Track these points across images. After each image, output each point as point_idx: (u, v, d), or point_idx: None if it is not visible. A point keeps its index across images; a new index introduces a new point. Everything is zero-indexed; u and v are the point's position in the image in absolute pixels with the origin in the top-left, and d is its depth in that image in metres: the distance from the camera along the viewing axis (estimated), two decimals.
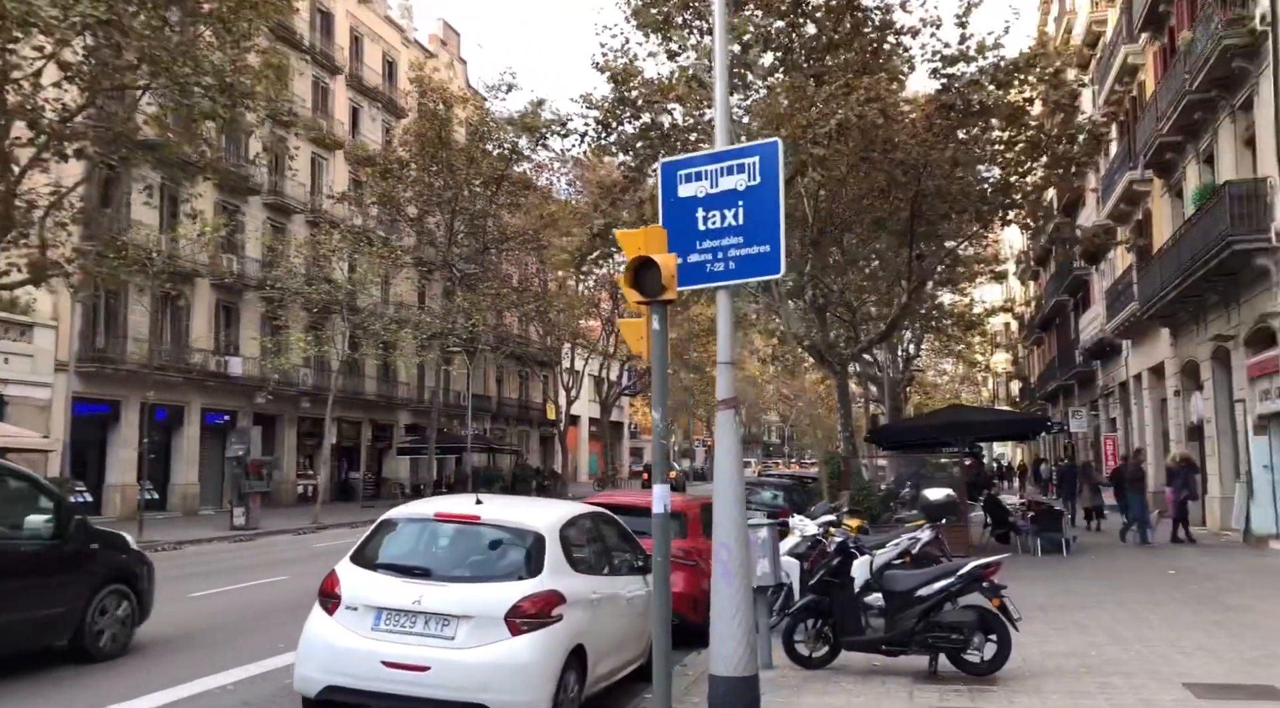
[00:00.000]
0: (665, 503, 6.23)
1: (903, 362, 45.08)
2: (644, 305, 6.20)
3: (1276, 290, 17.45)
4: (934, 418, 21.03)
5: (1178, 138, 22.49)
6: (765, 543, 8.64)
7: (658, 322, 6.11)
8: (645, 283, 6.11)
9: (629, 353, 59.12)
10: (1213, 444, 21.80)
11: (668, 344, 6.15)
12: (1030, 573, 15.39)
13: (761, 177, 6.73)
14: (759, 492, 19.69)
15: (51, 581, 8.55)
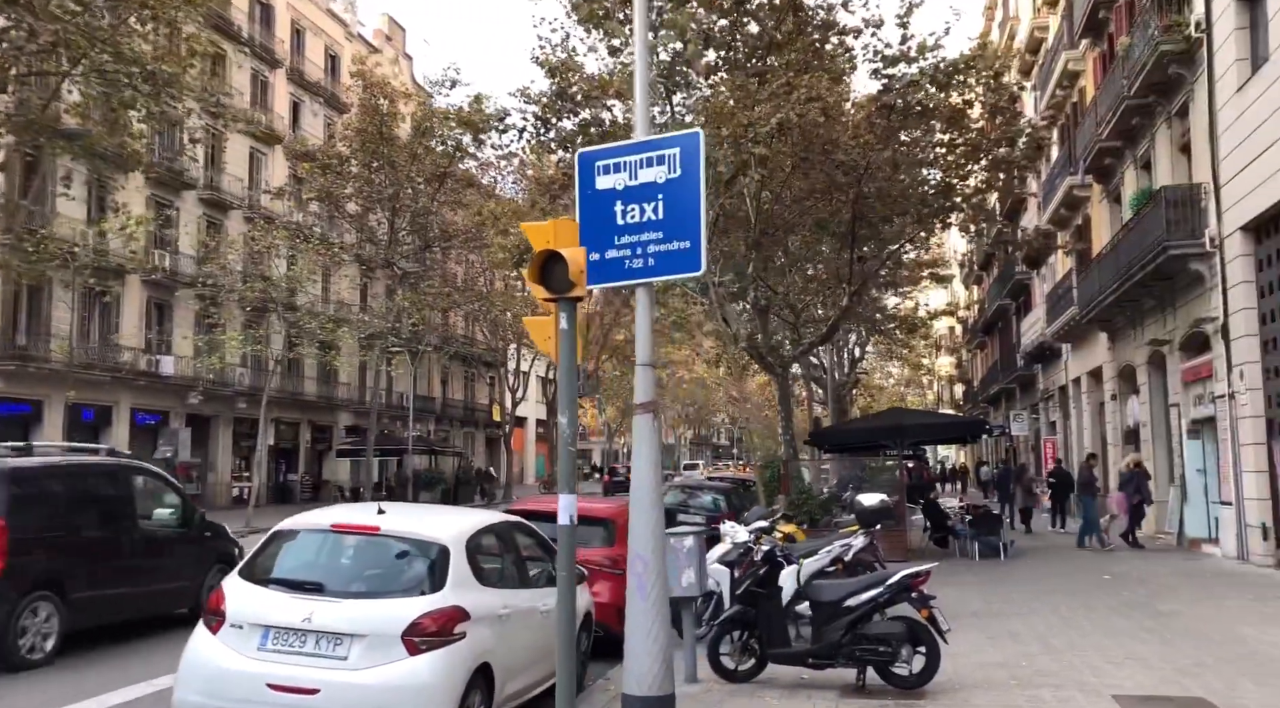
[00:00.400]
0: (571, 514, 5.86)
1: (848, 364, 45.26)
2: (551, 302, 5.84)
3: (1210, 295, 17.57)
4: (875, 420, 20.92)
5: (1116, 143, 22.66)
6: (690, 552, 8.32)
7: (565, 320, 5.75)
8: (552, 278, 5.75)
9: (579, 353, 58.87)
10: (1148, 448, 21.99)
11: (576, 344, 5.79)
12: (968, 578, 15.29)
13: (682, 169, 6.41)
14: (699, 496, 19.40)
15: (181, 560, 11.02)
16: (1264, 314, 15.87)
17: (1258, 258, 16.06)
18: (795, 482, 18.73)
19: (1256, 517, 15.81)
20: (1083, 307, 24.80)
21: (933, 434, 19.98)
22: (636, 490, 6.41)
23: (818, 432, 19.29)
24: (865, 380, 70.99)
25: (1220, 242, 16.86)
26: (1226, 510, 17.11)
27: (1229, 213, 16.51)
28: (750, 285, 20.89)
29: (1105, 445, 26.60)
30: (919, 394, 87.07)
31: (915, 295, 41.45)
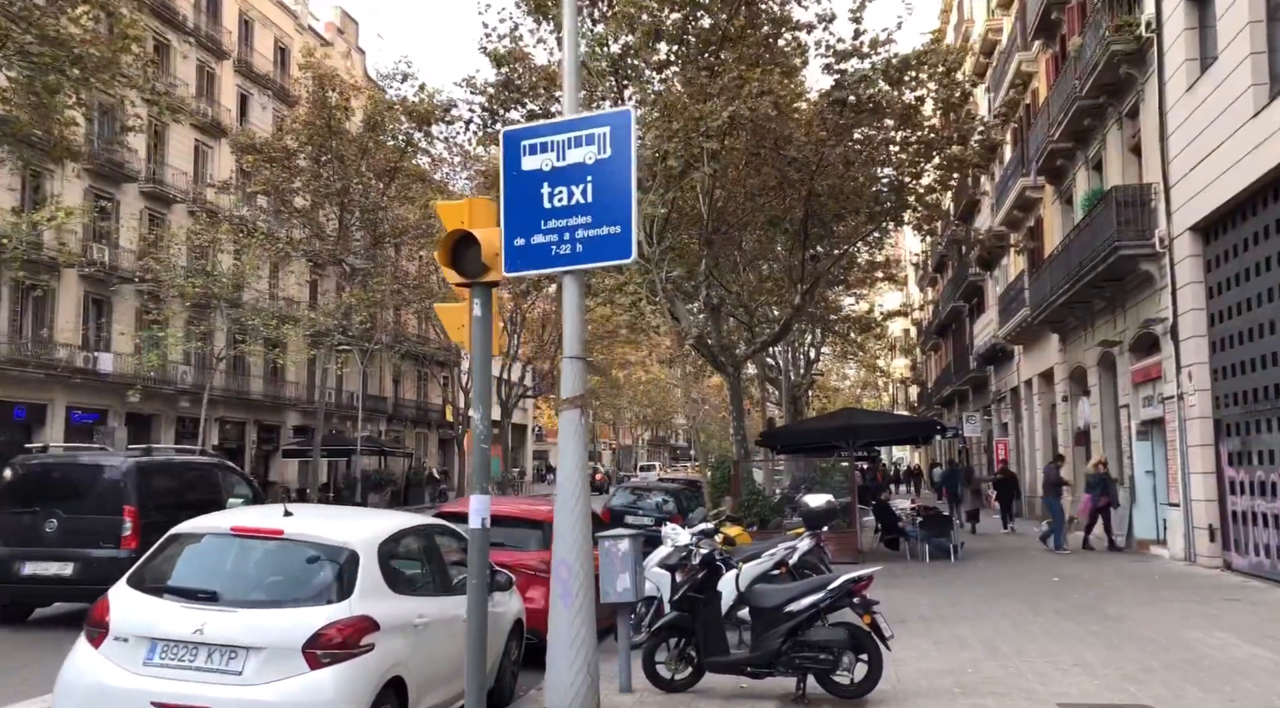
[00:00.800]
0: (484, 517, 5.46)
1: (804, 365, 45.21)
2: (464, 287, 5.42)
3: (1160, 296, 17.55)
4: (827, 421, 20.70)
5: (1068, 145, 22.68)
6: (626, 555, 7.95)
7: (479, 307, 5.35)
8: (464, 261, 5.34)
9: (532, 353, 58.29)
10: (1098, 449, 21.99)
11: (493, 333, 5.39)
12: (919, 581, 15.08)
13: (613, 149, 6.04)
14: (648, 497, 19.08)
15: None
16: (1212, 315, 15.84)
17: (1206, 258, 16.04)
18: (746, 483, 18.45)
19: (1204, 518, 15.78)
20: (1034, 308, 24.83)
21: (885, 435, 19.79)
22: (561, 491, 6.03)
23: (769, 432, 18.99)
24: (821, 382, 71.27)
25: (1170, 242, 16.83)
26: (1174, 512, 17.09)
27: (1178, 213, 16.48)
28: (702, 283, 20.59)
29: (1056, 447, 26.66)
30: (874, 396, 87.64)
31: (870, 297, 41.51)
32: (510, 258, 6.25)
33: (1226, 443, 15.43)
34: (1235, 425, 15.10)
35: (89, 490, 11.15)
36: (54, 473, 11.69)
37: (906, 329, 73.36)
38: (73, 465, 12.01)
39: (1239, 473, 15.02)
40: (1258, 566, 14.37)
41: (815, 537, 10.94)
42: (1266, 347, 13.93)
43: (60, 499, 11.02)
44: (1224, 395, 15.50)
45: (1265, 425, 14.03)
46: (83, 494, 11.12)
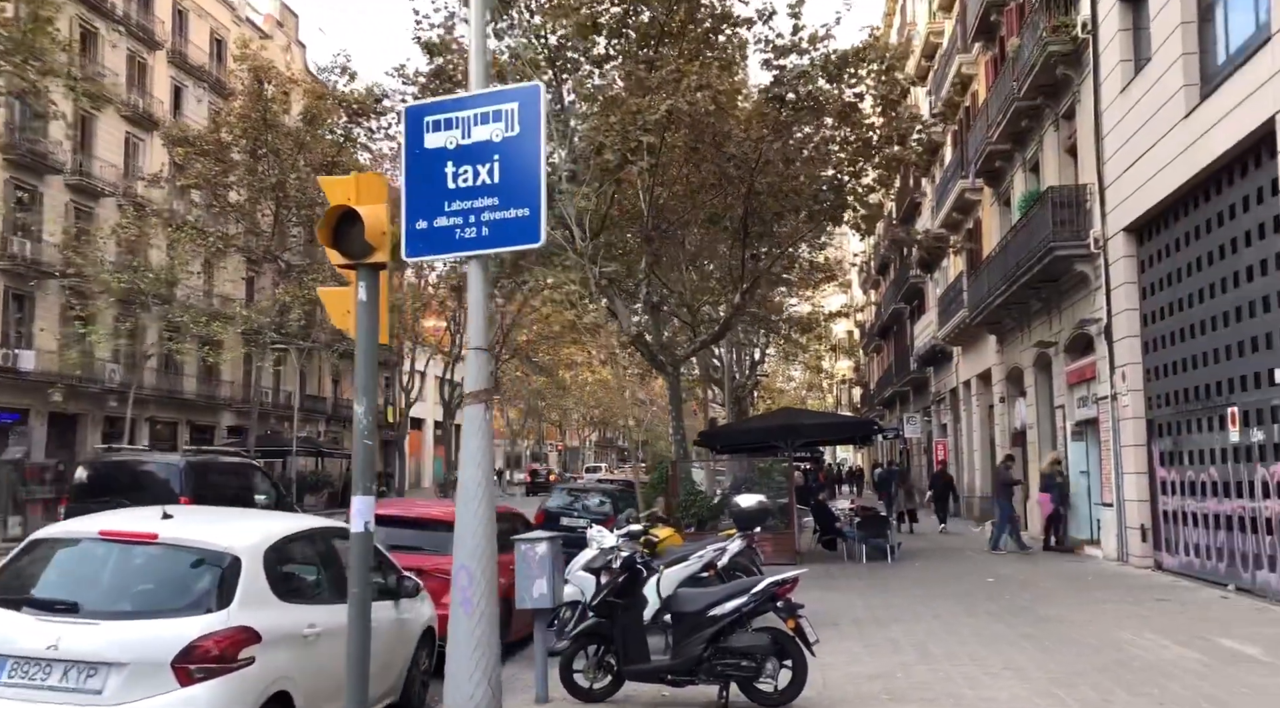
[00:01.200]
0: (367, 520, 5.06)
1: (749, 366, 45.18)
2: (349, 269, 5.02)
3: (1095, 297, 17.62)
4: (767, 420, 20.49)
5: (1006, 146, 22.78)
6: (543, 559, 7.58)
7: (365, 290, 4.95)
8: (347, 240, 4.94)
9: None
10: (1034, 450, 22.11)
11: (380, 319, 5.00)
12: (855, 582, 14.91)
13: (521, 126, 5.68)
14: (585, 498, 18.70)
15: None
16: (1146, 315, 15.91)
17: (1140, 259, 16.10)
18: (684, 484, 18.16)
19: (1136, 519, 15.84)
20: (972, 309, 24.92)
21: (824, 435, 19.60)
22: (463, 492, 5.65)
23: (708, 432, 18.71)
24: (766, 383, 71.44)
25: (1104, 243, 16.90)
26: (1108, 512, 17.15)
27: (1113, 214, 16.54)
28: (643, 281, 20.29)
29: (994, 447, 26.80)
30: (819, 397, 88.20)
31: (814, 298, 41.58)
32: (412, 241, 5.86)
33: (1158, 443, 15.49)
34: (1167, 426, 15.16)
35: (150, 484, 13.13)
36: (121, 470, 13.90)
37: (850, 331, 73.90)
38: (137, 463, 14.08)
39: (1170, 473, 15.08)
40: (1187, 565, 14.43)
41: (747, 538, 10.67)
42: (1197, 347, 13.98)
43: (126, 491, 12.44)
44: (1156, 396, 15.57)
45: (1195, 426, 14.08)
46: (145, 487, 12.92)
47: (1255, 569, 12.38)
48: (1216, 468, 13.40)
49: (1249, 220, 12.37)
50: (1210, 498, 13.62)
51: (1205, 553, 13.82)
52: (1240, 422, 12.67)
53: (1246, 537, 12.59)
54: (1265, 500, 12.07)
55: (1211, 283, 13.44)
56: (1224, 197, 13.05)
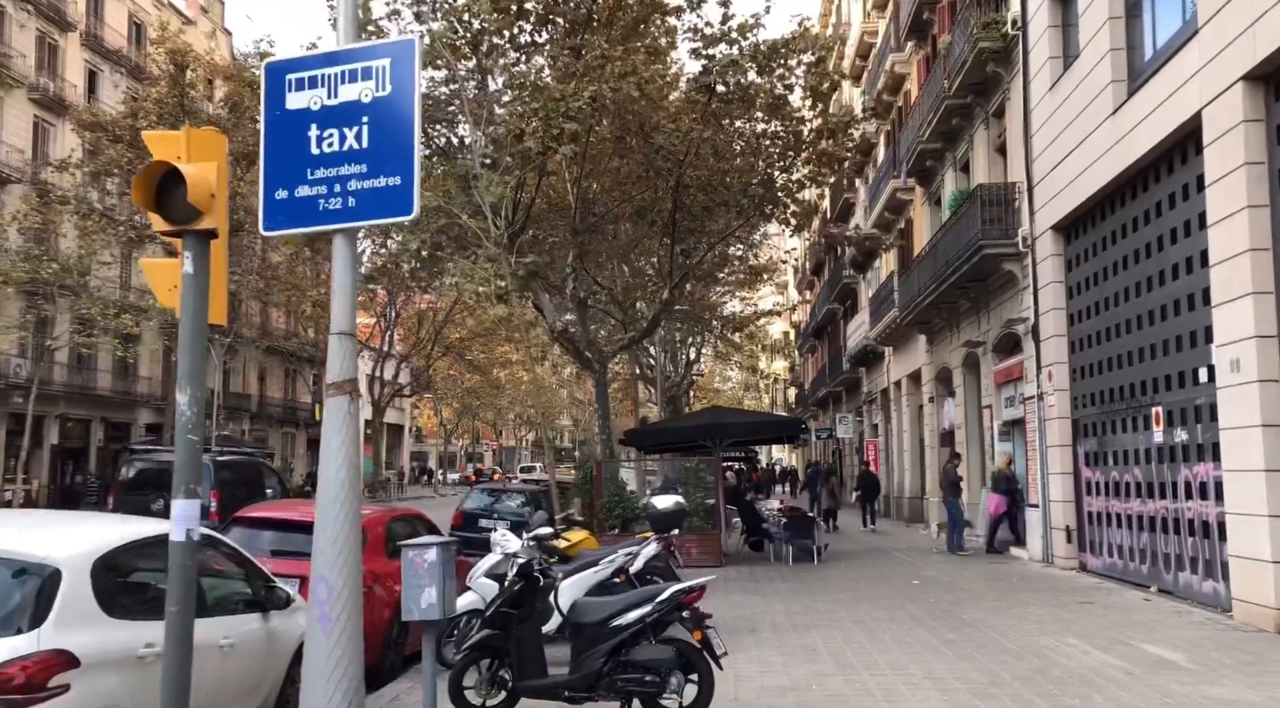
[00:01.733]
0: (190, 527, 4.43)
1: (684, 365, 44.86)
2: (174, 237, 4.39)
3: (1022, 296, 17.51)
4: (693, 419, 20.03)
5: (937, 145, 22.68)
6: (433, 567, 6.99)
7: (191, 262, 4.32)
8: (170, 203, 4.32)
9: (409, 349, 56.40)
10: (963, 450, 22.02)
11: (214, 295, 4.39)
12: (778, 585, 14.52)
13: (394, 85, 5.10)
14: (505, 499, 18.06)
15: None
16: (1072, 315, 15.80)
17: (1067, 258, 15.99)
18: (609, 484, 17.63)
19: (1061, 519, 15.71)
20: (903, 309, 24.82)
21: (752, 434, 19.19)
22: (323, 494, 5.04)
23: (633, 431, 18.17)
24: (703, 383, 71.32)
25: (1032, 241, 16.78)
26: (1034, 513, 17.04)
27: (1041, 212, 16.42)
28: (569, 276, 19.73)
29: (923, 448, 26.77)
30: (755, 398, 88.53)
31: (750, 299, 41.42)
32: (271, 214, 5.24)
33: (1083, 444, 15.38)
34: (1092, 426, 15.05)
35: None
36: (160, 466, 16.04)
37: (786, 332, 74.14)
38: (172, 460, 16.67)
39: (1095, 474, 14.97)
40: (1111, 566, 14.31)
41: (663, 541, 10.16)
42: (1122, 346, 13.86)
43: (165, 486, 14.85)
44: (1082, 396, 15.46)
45: (1120, 426, 13.97)
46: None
47: (1178, 571, 12.26)
48: (1140, 469, 13.28)
49: (1174, 218, 12.24)
50: (1134, 499, 13.50)
51: (1129, 554, 13.70)
52: (1164, 422, 12.54)
53: (1169, 538, 12.46)
54: (1188, 501, 11.94)
55: (1137, 281, 13.32)
56: (1150, 194, 12.92)
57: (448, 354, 56.47)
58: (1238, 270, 10.22)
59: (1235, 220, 10.24)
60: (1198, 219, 11.53)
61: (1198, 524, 11.72)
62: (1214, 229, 10.72)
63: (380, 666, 8.58)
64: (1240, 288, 10.18)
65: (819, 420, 52.59)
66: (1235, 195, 10.23)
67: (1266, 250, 9.99)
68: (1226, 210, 10.40)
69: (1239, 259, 10.19)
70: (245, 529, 9.03)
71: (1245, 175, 10.07)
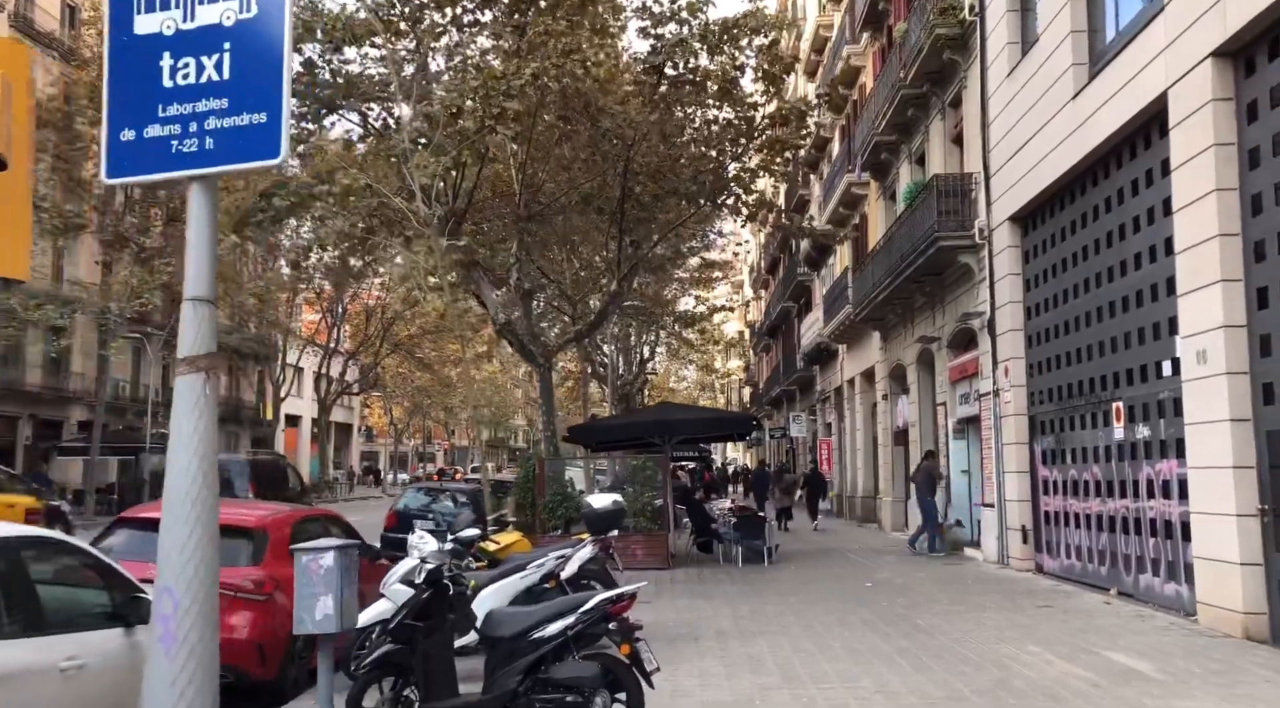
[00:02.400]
0: None
1: (637, 363, 44.18)
2: None
3: (978, 290, 17.04)
4: (640, 416, 19.29)
5: (892, 138, 22.21)
6: (329, 574, 6.21)
7: None
8: None
9: (356, 346, 55.03)
10: (916, 448, 21.55)
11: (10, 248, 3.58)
12: (726, 587, 13.86)
13: (259, 7, 4.30)
14: (442, 499, 17.21)
15: None
16: (1030, 308, 15.33)
17: (1024, 249, 15.52)
18: (552, 483, 16.85)
19: (1017, 519, 15.23)
20: (856, 305, 24.34)
21: (701, 431, 18.46)
22: (170, 492, 4.24)
23: (578, 428, 17.34)
24: (658, 382, 70.73)
25: (989, 233, 16.30)
26: (989, 513, 16.56)
27: (998, 203, 15.94)
28: (514, 266, 18.94)
29: (876, 446, 26.32)
30: (711, 397, 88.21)
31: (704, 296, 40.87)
32: (115, 159, 4.42)
33: (1040, 441, 14.91)
34: (1049, 423, 14.58)
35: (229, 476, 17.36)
36: None
37: (741, 331, 73.80)
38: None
39: (1052, 472, 14.50)
40: (1068, 568, 13.84)
41: (600, 543, 9.43)
42: (1081, 340, 13.39)
43: None
44: (1039, 391, 14.99)
45: (1079, 422, 13.50)
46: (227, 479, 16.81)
47: (1138, 573, 11.78)
48: (1100, 467, 12.81)
49: (1136, 205, 11.76)
50: (1093, 498, 13.02)
51: (1087, 556, 13.23)
52: (1125, 417, 12.06)
53: (1130, 539, 11.98)
54: (1149, 500, 11.46)
55: (1097, 272, 12.84)
56: (1111, 181, 12.44)
57: (396, 352, 55.24)
58: (1205, 257, 9.72)
59: (1203, 205, 9.75)
60: (1162, 205, 11.05)
61: (1160, 524, 11.24)
62: (1180, 215, 10.23)
63: (282, 682, 7.75)
64: (1208, 275, 9.69)
65: (773, 420, 52.21)
66: (1203, 178, 9.73)
67: (1235, 236, 9.51)
68: (1194, 194, 9.91)
69: (1207, 245, 9.70)
70: (132, 531, 8.16)
71: (1214, 157, 9.58)
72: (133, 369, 45.30)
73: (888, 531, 23.92)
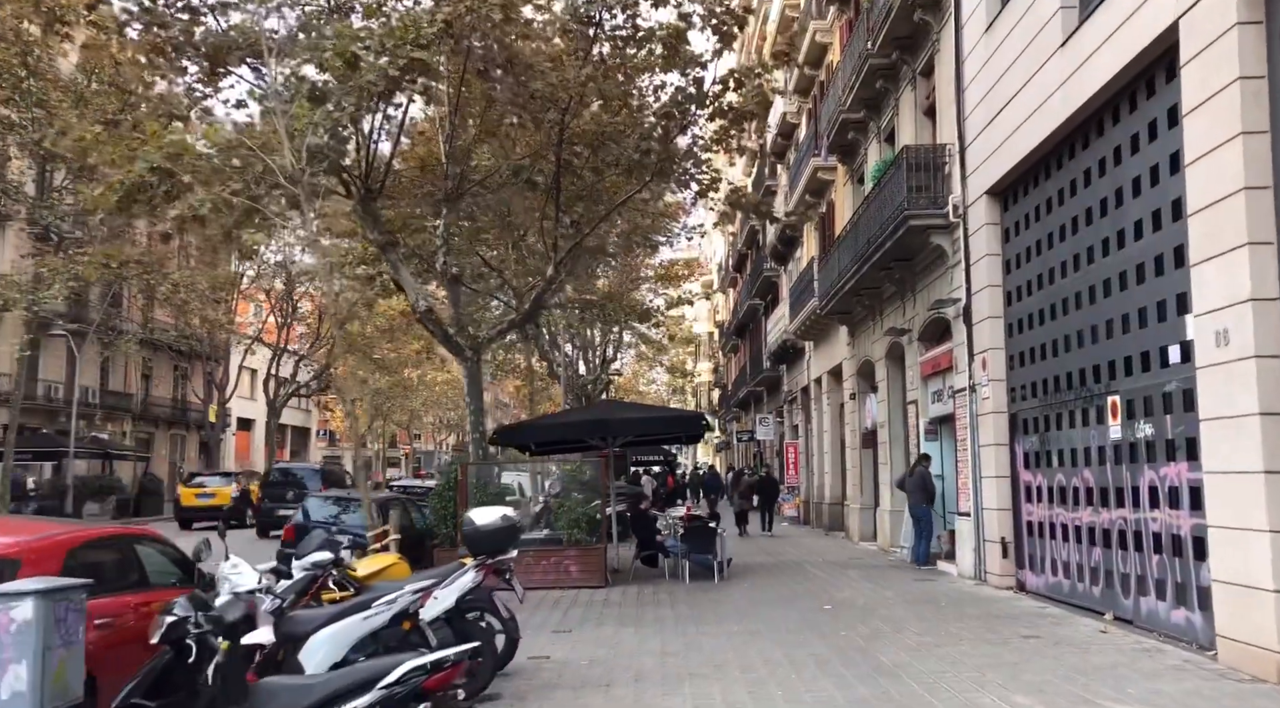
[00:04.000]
0: None
1: (599, 364, 42.29)
2: None
3: (953, 274, 15.32)
4: (578, 414, 17.31)
5: (859, 115, 20.51)
6: (23, 632, 4.32)
7: None
8: None
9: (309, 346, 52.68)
10: (885, 451, 19.82)
11: None
12: (664, 612, 12.02)
13: None
14: (351, 509, 15.21)
15: None
16: (1010, 292, 13.61)
17: (1004, 226, 13.80)
18: (476, 492, 14.91)
19: (996, 530, 13.49)
20: (822, 298, 22.62)
21: (642, 431, 16.45)
22: None
23: (504, 429, 15.28)
24: (624, 384, 68.84)
25: (964, 210, 14.57)
26: (964, 523, 14.82)
27: (974, 176, 14.22)
28: (440, 249, 17.05)
29: (844, 448, 24.60)
30: (682, 399, 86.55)
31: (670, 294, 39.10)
32: None
33: (1023, 442, 13.19)
34: (1033, 421, 12.85)
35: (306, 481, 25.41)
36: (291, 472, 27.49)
37: (711, 332, 72.13)
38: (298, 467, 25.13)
39: (1036, 477, 12.77)
40: (1055, 587, 12.11)
41: (484, 569, 7.56)
42: (1069, 326, 11.67)
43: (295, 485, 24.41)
44: (1021, 386, 13.26)
45: (1068, 419, 11.77)
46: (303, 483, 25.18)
47: (1139, 595, 10.05)
48: (1092, 471, 11.08)
49: (1138, 164, 10.05)
50: (1084, 507, 11.30)
51: (1077, 573, 11.50)
52: (1123, 413, 10.34)
53: (1128, 555, 10.25)
54: (1153, 510, 9.74)
55: (1089, 246, 11.13)
56: (1107, 139, 10.72)
57: (351, 352, 52.95)
58: (1227, 216, 8.00)
59: (1224, 153, 8.03)
60: (1169, 162, 9.33)
61: (1165, 539, 9.51)
62: (1194, 168, 8.51)
63: None
64: (1230, 239, 7.96)
65: (741, 422, 50.52)
66: (1225, 121, 8.01)
67: (1265, 189, 7.79)
68: (1213, 141, 8.19)
69: (1229, 202, 7.98)
70: None
71: (1239, 93, 7.85)
72: (67, 370, 42.99)
73: (855, 539, 22.19)
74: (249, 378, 57.76)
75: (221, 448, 60.10)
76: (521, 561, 14.48)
